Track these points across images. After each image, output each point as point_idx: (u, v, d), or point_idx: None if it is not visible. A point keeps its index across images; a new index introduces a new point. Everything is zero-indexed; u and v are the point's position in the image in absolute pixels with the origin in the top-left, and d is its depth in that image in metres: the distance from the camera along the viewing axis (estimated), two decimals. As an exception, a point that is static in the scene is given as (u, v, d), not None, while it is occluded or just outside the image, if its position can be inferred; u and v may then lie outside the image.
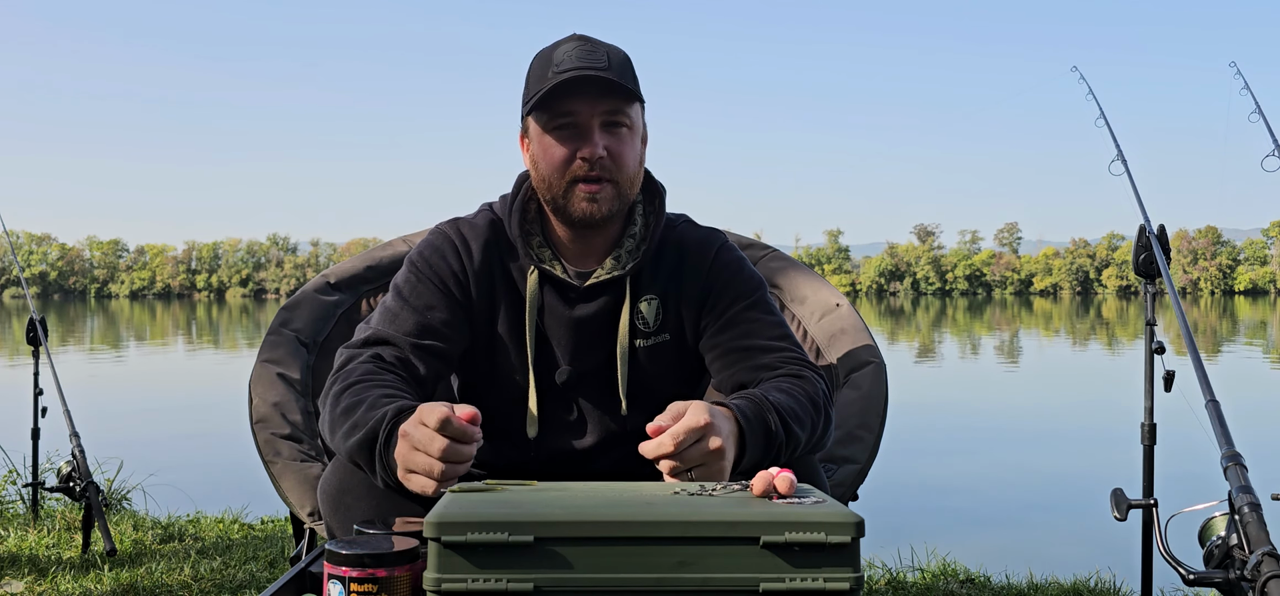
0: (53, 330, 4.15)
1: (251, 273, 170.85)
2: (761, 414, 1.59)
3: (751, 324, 1.82)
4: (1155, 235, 2.20)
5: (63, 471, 3.29)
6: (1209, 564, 1.57)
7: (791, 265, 2.58)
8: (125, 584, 2.95)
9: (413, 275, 1.83)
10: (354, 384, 1.66)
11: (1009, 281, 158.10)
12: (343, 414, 1.62)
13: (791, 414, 1.63)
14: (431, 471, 1.44)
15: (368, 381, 1.66)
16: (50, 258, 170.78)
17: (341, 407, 1.63)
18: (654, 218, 1.87)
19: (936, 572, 3.37)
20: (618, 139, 1.74)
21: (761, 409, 1.60)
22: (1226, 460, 1.63)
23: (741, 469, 1.56)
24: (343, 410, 1.62)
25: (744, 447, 1.55)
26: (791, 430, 1.62)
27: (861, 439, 2.24)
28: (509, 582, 1.17)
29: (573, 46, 1.74)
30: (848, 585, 1.19)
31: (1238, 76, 2.56)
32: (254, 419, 2.33)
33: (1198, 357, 1.87)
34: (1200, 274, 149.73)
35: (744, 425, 1.56)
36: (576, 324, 1.82)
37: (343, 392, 1.65)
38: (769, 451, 1.59)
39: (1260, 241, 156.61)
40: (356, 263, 2.57)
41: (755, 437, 1.57)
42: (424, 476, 1.45)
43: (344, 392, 1.65)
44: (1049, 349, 22.37)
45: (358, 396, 1.62)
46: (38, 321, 3.63)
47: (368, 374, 1.68)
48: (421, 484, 1.46)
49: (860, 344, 2.36)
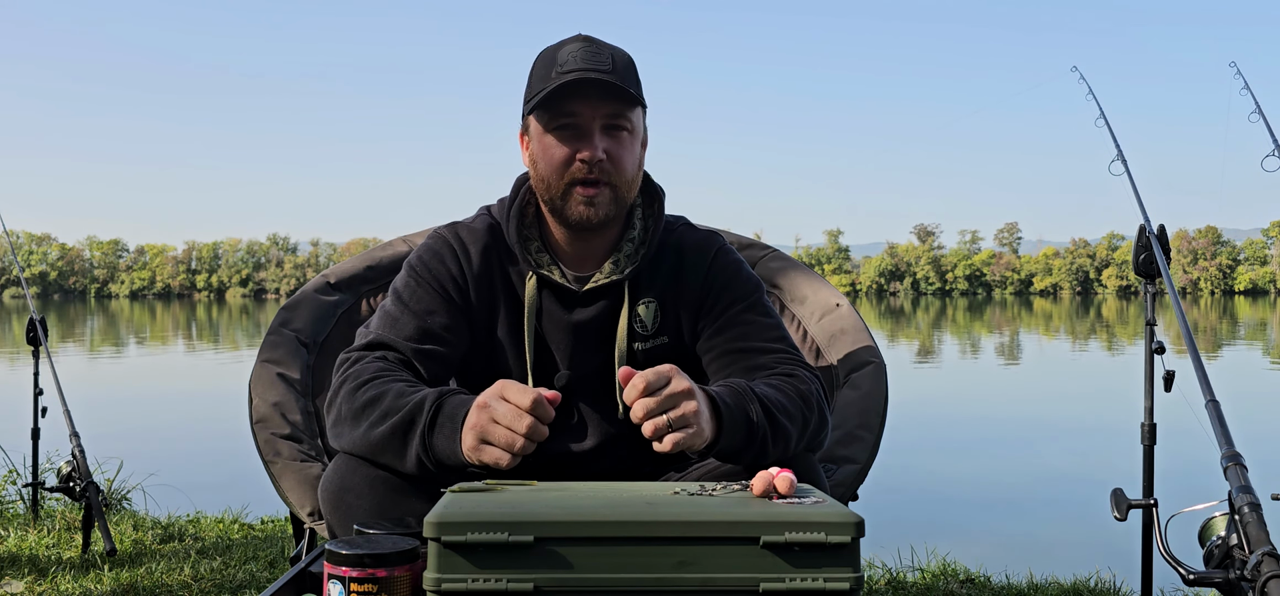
0: (53, 330, 4.16)
1: (251, 273, 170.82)
2: (741, 402, 1.60)
3: (748, 326, 1.82)
4: (1155, 235, 2.20)
5: (63, 471, 3.29)
6: (1209, 564, 1.57)
7: (791, 265, 2.58)
8: (125, 584, 2.95)
9: (412, 280, 1.83)
10: (370, 380, 1.67)
11: (1009, 281, 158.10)
12: (366, 406, 1.63)
13: (778, 406, 1.63)
14: (512, 446, 1.49)
15: (384, 377, 1.67)
16: (50, 258, 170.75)
17: (362, 401, 1.64)
18: (653, 221, 1.87)
19: (936, 572, 3.37)
20: (618, 142, 1.74)
21: (742, 397, 1.60)
22: (1226, 460, 1.63)
23: (721, 451, 1.57)
24: (364, 403, 1.63)
25: (721, 426, 1.56)
26: (777, 421, 1.62)
27: (861, 439, 2.24)
28: (509, 582, 1.18)
29: (577, 47, 1.74)
30: (848, 585, 1.19)
31: (1238, 76, 2.56)
32: (254, 419, 2.33)
33: (1198, 357, 1.87)
34: (1200, 274, 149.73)
35: (721, 407, 1.57)
36: (575, 328, 1.82)
37: (359, 389, 1.66)
38: (751, 439, 1.59)
39: (1260, 241, 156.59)
40: (356, 263, 2.57)
41: (734, 421, 1.57)
42: (502, 450, 1.50)
43: (360, 389, 1.66)
44: (1049, 349, 22.37)
45: (379, 389, 1.64)
46: (38, 321, 3.63)
47: (381, 372, 1.69)
48: (496, 456, 1.50)
49: (860, 344, 2.36)
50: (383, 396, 1.62)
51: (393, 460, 1.61)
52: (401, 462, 1.60)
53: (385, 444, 1.60)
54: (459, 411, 1.55)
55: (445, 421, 1.55)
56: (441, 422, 1.55)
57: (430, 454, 1.56)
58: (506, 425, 1.49)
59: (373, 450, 1.62)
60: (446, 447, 1.55)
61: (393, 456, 1.60)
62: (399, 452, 1.59)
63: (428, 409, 1.57)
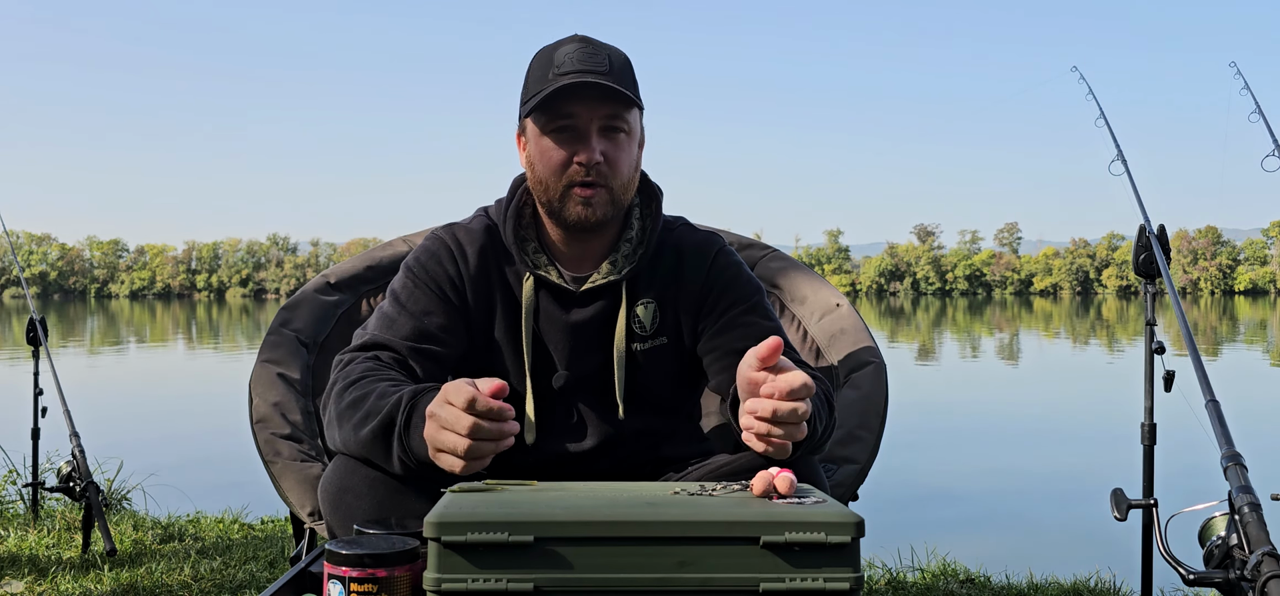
0: (53, 330, 4.16)
1: (251, 273, 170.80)
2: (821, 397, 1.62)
3: (750, 327, 1.82)
4: (1155, 235, 2.20)
5: (63, 471, 3.29)
6: (1209, 564, 1.57)
7: (792, 265, 2.58)
8: (125, 584, 2.95)
9: (409, 280, 1.83)
10: (356, 380, 1.67)
11: (1009, 281, 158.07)
12: (350, 407, 1.63)
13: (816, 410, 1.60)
14: (457, 450, 1.44)
15: (371, 376, 1.67)
16: (50, 258, 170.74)
17: (347, 402, 1.64)
18: (650, 221, 1.87)
19: (936, 572, 3.36)
20: (615, 144, 1.74)
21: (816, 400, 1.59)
22: (1226, 460, 1.63)
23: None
24: (349, 404, 1.63)
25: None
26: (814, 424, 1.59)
27: (861, 439, 2.24)
28: (509, 582, 1.18)
29: (574, 48, 1.74)
30: (848, 585, 1.19)
31: (1238, 76, 2.55)
32: (254, 419, 2.33)
33: (1198, 357, 1.87)
34: (1200, 274, 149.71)
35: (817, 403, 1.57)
36: (573, 329, 1.82)
37: (346, 389, 1.66)
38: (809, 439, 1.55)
39: (1260, 241, 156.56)
40: (356, 263, 2.57)
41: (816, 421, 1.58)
42: (452, 455, 1.45)
43: (347, 389, 1.66)
44: (1049, 349, 22.37)
45: (364, 390, 1.63)
46: (38, 321, 3.63)
47: (369, 371, 1.69)
48: (449, 463, 1.46)
49: (860, 344, 2.36)
50: (367, 397, 1.61)
51: (381, 461, 1.60)
52: (388, 463, 1.59)
53: (371, 445, 1.59)
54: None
55: (418, 422, 1.52)
56: (415, 423, 1.53)
57: (410, 455, 1.54)
58: (451, 429, 1.44)
59: (362, 450, 1.62)
60: (421, 448, 1.52)
61: (380, 457, 1.60)
62: (384, 454, 1.58)
63: (403, 408, 1.55)
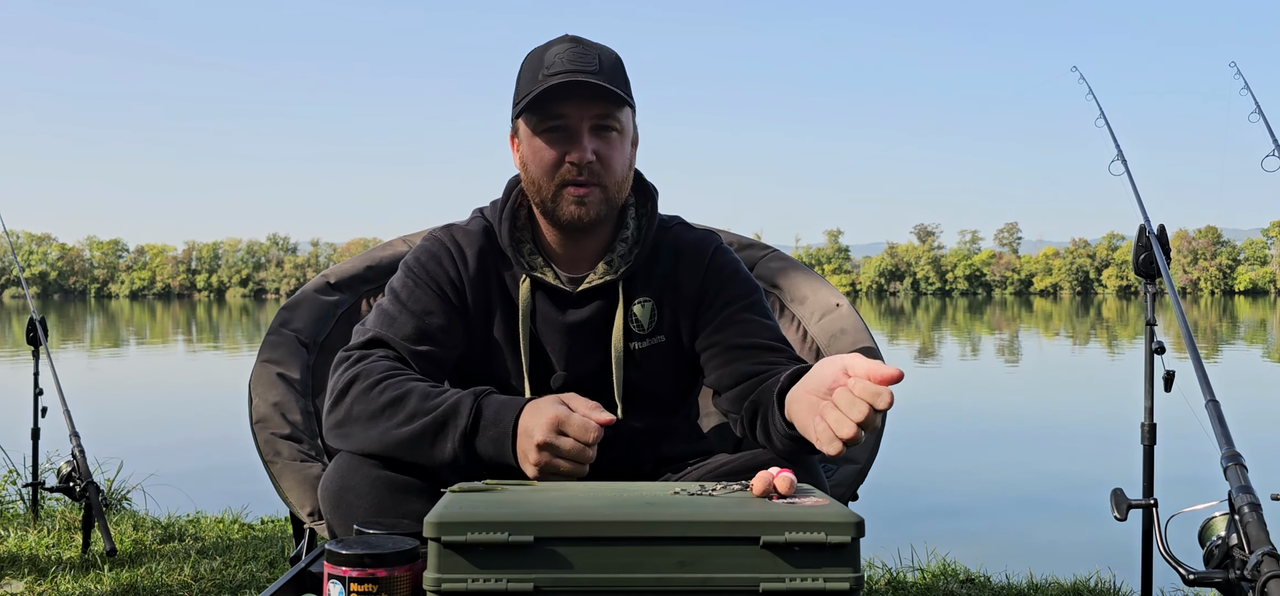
0: (53, 330, 4.16)
1: (251, 273, 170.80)
2: None
3: (748, 325, 1.82)
4: (1155, 235, 2.20)
5: (63, 471, 3.29)
6: (1209, 564, 1.57)
7: (791, 265, 2.59)
8: (125, 584, 2.95)
9: (409, 280, 1.83)
10: (383, 379, 1.67)
11: (1009, 281, 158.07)
12: (387, 406, 1.63)
13: None
14: (582, 457, 1.53)
15: (400, 375, 1.68)
16: (50, 258, 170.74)
17: (383, 401, 1.64)
18: (646, 220, 1.87)
19: (936, 572, 3.37)
20: (607, 143, 1.74)
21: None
22: (1226, 460, 1.63)
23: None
24: (385, 403, 1.64)
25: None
26: None
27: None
28: (509, 582, 1.18)
29: (564, 48, 1.74)
30: (848, 585, 1.19)
31: (1238, 76, 2.55)
32: (254, 419, 2.33)
33: (1198, 358, 1.87)
34: (1200, 274, 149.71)
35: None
36: (570, 329, 1.82)
37: (373, 388, 1.66)
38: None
39: (1260, 241, 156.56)
40: (356, 263, 2.57)
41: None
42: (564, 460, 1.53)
43: (375, 388, 1.65)
44: (1049, 349, 22.37)
45: (400, 389, 1.64)
46: (38, 321, 3.63)
47: (393, 370, 1.69)
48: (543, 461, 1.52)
49: (861, 344, 2.36)
50: (406, 397, 1.63)
51: (417, 458, 1.62)
52: (427, 460, 1.62)
53: (411, 444, 1.61)
54: (504, 415, 1.58)
55: (489, 425, 1.58)
56: (485, 426, 1.58)
57: (471, 455, 1.59)
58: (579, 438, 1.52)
59: (393, 449, 1.63)
60: (493, 451, 1.58)
61: (419, 455, 1.62)
62: (427, 451, 1.61)
63: (468, 412, 1.59)
